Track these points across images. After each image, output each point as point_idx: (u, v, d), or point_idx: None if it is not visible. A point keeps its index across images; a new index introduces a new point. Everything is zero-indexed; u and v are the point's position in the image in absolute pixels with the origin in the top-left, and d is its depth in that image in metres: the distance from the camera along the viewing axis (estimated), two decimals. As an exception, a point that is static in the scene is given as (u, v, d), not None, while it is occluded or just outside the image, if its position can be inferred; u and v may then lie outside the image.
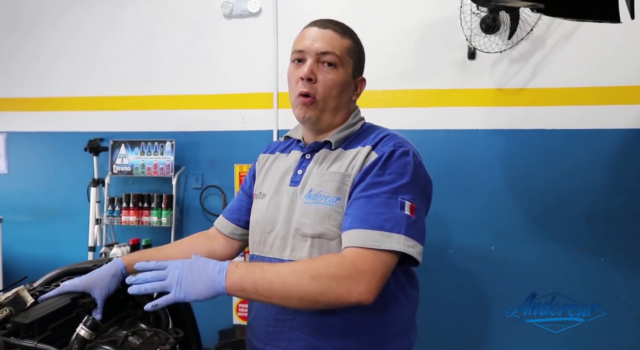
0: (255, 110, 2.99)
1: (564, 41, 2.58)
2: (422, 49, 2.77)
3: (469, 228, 2.73)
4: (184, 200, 3.14)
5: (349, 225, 1.05)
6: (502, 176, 2.70)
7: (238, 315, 3.02)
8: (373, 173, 1.08)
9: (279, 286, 0.96)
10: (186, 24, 3.07)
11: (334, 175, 1.13)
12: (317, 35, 1.17)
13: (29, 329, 0.95)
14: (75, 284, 1.13)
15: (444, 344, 2.75)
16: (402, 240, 1.01)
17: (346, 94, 1.21)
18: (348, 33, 1.20)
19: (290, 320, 1.14)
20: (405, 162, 1.09)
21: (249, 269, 0.98)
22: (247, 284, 0.97)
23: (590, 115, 2.59)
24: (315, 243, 1.11)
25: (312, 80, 1.15)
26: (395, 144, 1.12)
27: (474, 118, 2.72)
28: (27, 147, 3.37)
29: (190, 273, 0.96)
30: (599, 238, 2.60)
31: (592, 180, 2.60)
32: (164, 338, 1.09)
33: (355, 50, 1.21)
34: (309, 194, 1.14)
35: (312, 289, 0.96)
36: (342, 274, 0.97)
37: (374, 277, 0.98)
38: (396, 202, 1.04)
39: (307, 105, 1.17)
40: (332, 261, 1.00)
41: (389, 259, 1.01)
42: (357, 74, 1.24)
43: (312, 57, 1.16)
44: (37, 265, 3.20)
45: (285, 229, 1.17)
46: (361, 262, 0.98)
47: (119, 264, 1.20)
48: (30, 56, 3.31)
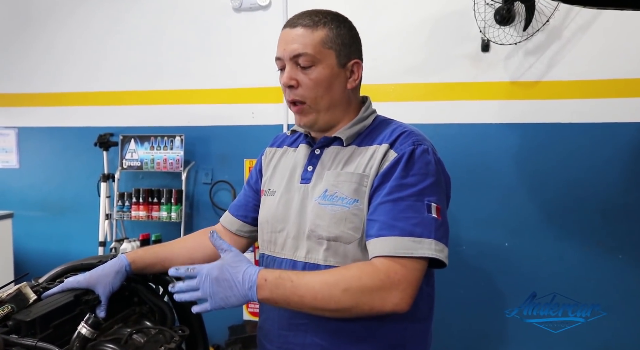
0: (265, 104, 2.96)
1: (582, 32, 2.51)
2: (434, 41, 2.71)
3: (481, 224, 2.68)
4: (194, 195, 3.13)
5: (376, 233, 1.01)
6: (516, 171, 2.65)
7: (248, 311, 3.00)
8: (396, 175, 1.03)
9: (311, 301, 0.95)
10: (195, 18, 3.04)
11: (350, 175, 1.08)
12: (288, 38, 1.11)
13: (31, 326, 0.93)
14: (79, 280, 1.11)
15: (444, 344, 2.70)
16: (432, 245, 0.98)
17: (336, 87, 1.13)
18: (322, 22, 1.10)
19: (304, 324, 1.10)
20: (427, 162, 1.05)
21: (279, 283, 0.96)
22: (279, 299, 0.96)
23: (608, 108, 2.52)
24: (332, 246, 1.07)
25: (294, 86, 1.10)
26: (414, 141, 1.07)
27: (488, 112, 2.67)
28: (38, 143, 3.38)
29: (220, 289, 0.95)
30: (615, 235, 2.54)
31: (610, 175, 2.54)
32: (169, 336, 1.07)
33: (334, 38, 1.10)
34: (324, 194, 1.09)
35: (345, 302, 0.94)
36: (375, 286, 0.94)
37: (409, 286, 0.96)
38: (423, 205, 1.01)
39: (299, 112, 1.14)
40: (364, 272, 0.97)
41: (421, 266, 0.98)
42: (345, 60, 1.13)
43: (288, 62, 1.10)
44: (48, 260, 3.21)
45: (296, 229, 1.13)
46: (394, 272, 0.95)
47: (123, 261, 1.18)
48: (41, 52, 3.31)
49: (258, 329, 1.26)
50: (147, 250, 1.28)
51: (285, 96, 1.14)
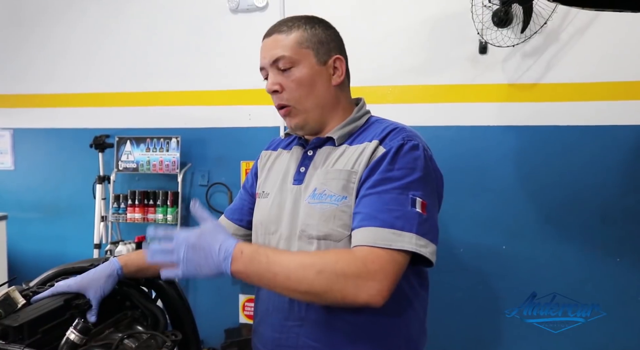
0: (262, 106, 2.94)
1: (579, 34, 2.51)
2: (432, 43, 2.70)
3: (479, 227, 2.67)
4: (190, 198, 3.10)
5: (358, 223, 0.99)
6: (514, 174, 2.64)
7: (244, 313, 2.99)
8: (382, 168, 1.02)
9: (283, 280, 0.93)
10: (192, 18, 3.03)
11: (339, 173, 1.07)
12: (266, 47, 1.15)
13: (18, 332, 0.91)
14: (70, 284, 1.09)
15: (444, 344, 2.69)
16: (413, 239, 0.95)
17: (320, 85, 1.13)
18: (295, 25, 1.13)
19: (297, 326, 1.09)
20: (415, 157, 1.03)
21: (254, 258, 0.94)
22: (251, 273, 0.94)
23: (606, 111, 2.52)
24: (322, 245, 1.06)
25: (278, 90, 1.12)
26: (404, 137, 1.06)
27: (485, 114, 2.66)
28: (33, 144, 3.36)
29: (195, 255, 0.94)
30: (614, 237, 2.53)
31: (608, 178, 2.53)
32: (161, 341, 1.05)
33: (309, 38, 1.12)
34: (313, 193, 1.08)
35: (317, 285, 0.91)
36: (351, 272, 0.91)
37: (386, 278, 0.92)
38: (407, 198, 0.99)
39: (287, 115, 1.15)
40: (341, 257, 0.94)
41: (401, 259, 0.95)
42: (325, 58, 1.13)
43: (270, 69, 1.14)
44: (43, 262, 3.18)
45: (289, 230, 1.12)
46: (372, 261, 0.93)
47: (115, 264, 1.16)
48: (35, 52, 3.29)
49: (252, 332, 1.25)
50: (139, 253, 1.26)
51: (274, 103, 1.16)
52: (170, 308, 1.26)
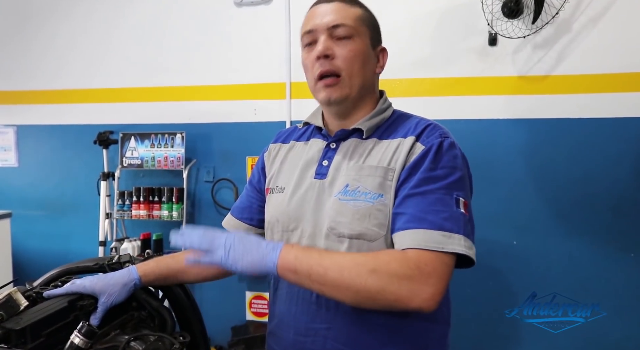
0: (268, 101, 2.91)
1: (592, 25, 2.45)
2: (440, 35, 2.66)
3: (488, 221, 2.62)
4: (195, 194, 3.07)
5: (403, 225, 0.94)
6: (524, 168, 2.59)
7: (251, 311, 2.96)
8: (424, 167, 0.98)
9: (336, 275, 0.88)
10: (196, 13, 2.99)
11: (374, 169, 1.02)
12: (324, 11, 1.07)
13: (21, 335, 0.87)
14: (85, 285, 1.06)
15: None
16: (462, 241, 0.92)
17: (369, 66, 1.09)
18: (356, 3, 1.11)
19: (325, 329, 1.04)
20: (455, 155, 1.01)
21: (306, 251, 0.93)
22: (301, 266, 0.90)
23: (619, 103, 2.46)
24: (354, 244, 1.00)
25: (330, 56, 1.04)
26: (441, 134, 1.03)
27: (495, 107, 2.61)
28: (37, 141, 3.34)
29: (241, 243, 0.93)
30: (626, 232, 2.48)
31: (620, 171, 2.48)
32: (169, 343, 1.02)
33: (368, 19, 1.11)
34: (345, 189, 1.03)
35: (370, 285, 0.87)
36: (404, 274, 0.87)
37: (440, 282, 0.88)
38: (452, 199, 0.95)
39: (331, 86, 1.05)
40: (393, 257, 0.90)
41: (451, 262, 0.92)
42: (376, 44, 1.12)
43: (324, 33, 1.05)
44: (47, 260, 3.17)
45: (313, 227, 1.06)
46: (425, 263, 0.88)
47: (134, 275, 1.13)
48: (40, 49, 3.26)
49: (268, 334, 1.19)
50: (159, 262, 1.20)
51: (315, 70, 1.06)
52: (177, 308, 1.23)
